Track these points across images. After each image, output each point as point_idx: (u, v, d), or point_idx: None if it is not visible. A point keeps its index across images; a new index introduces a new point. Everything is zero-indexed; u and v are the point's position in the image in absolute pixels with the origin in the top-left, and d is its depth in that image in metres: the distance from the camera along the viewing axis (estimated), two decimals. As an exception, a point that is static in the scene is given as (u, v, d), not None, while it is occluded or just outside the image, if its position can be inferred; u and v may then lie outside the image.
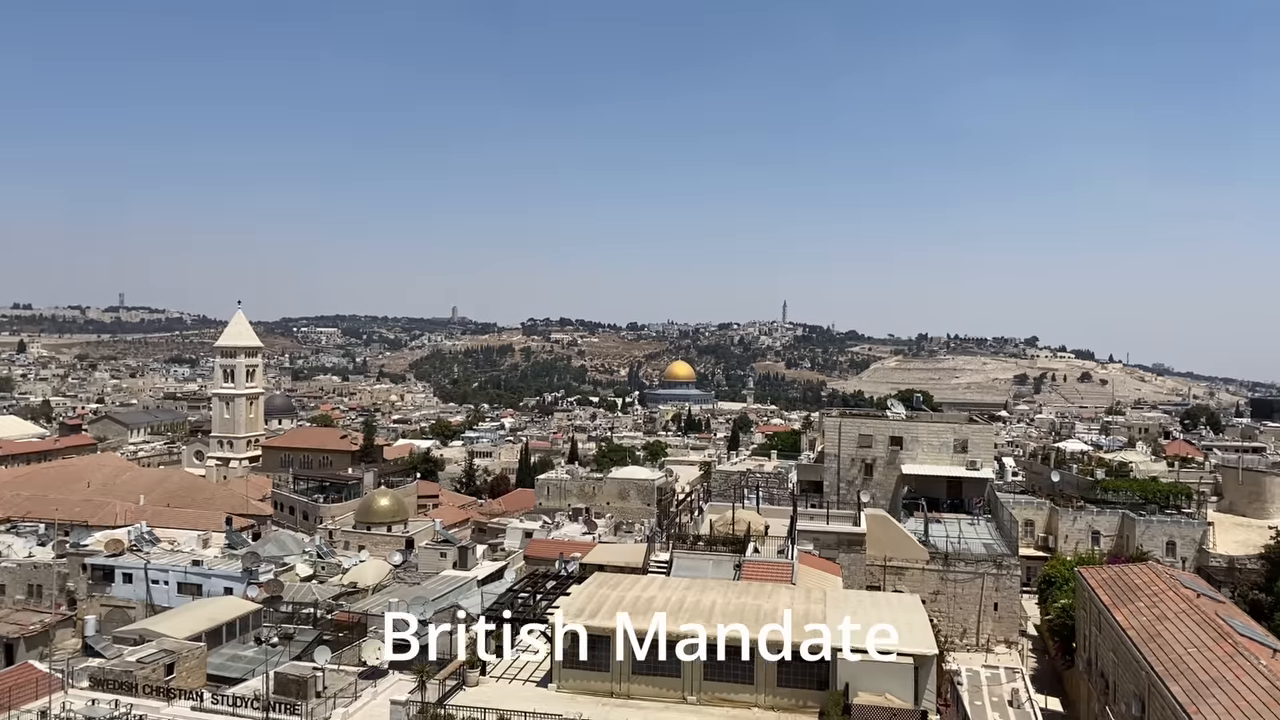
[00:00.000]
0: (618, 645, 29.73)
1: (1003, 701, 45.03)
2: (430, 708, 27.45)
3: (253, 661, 38.81)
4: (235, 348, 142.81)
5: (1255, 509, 78.94)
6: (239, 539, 66.54)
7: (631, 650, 29.61)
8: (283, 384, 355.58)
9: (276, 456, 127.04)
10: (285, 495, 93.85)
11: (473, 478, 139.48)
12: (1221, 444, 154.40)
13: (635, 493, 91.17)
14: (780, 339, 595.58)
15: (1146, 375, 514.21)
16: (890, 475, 71.78)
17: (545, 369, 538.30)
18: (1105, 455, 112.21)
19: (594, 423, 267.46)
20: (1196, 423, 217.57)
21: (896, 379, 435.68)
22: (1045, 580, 62.19)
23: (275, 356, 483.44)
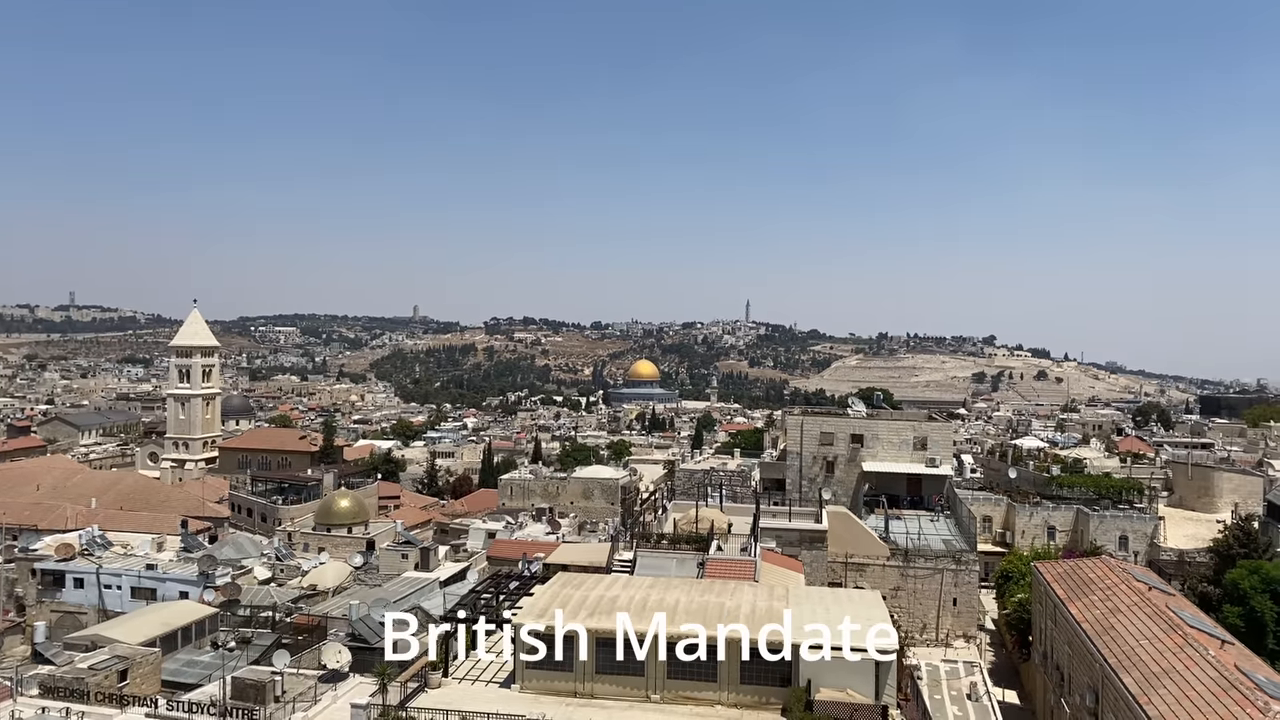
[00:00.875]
0: (581, 645, 29.68)
1: (961, 695, 45.74)
2: (391, 710, 27.18)
3: (209, 667, 38.09)
4: (191, 347, 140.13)
5: (1204, 503, 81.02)
6: (195, 542, 65.27)
7: (595, 650, 29.58)
8: (240, 384, 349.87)
9: (234, 458, 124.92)
10: (243, 497, 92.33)
11: (435, 478, 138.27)
12: (1172, 440, 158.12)
13: (599, 492, 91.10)
14: (743, 338, 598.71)
15: (1100, 373, 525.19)
16: (851, 473, 72.50)
17: (508, 368, 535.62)
18: (1060, 452, 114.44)
19: (558, 422, 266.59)
20: (1148, 420, 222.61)
21: (857, 377, 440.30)
22: (1003, 575, 63.22)
23: (232, 356, 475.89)
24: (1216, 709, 28.50)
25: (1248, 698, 28.61)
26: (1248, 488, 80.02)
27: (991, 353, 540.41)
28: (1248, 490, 79.39)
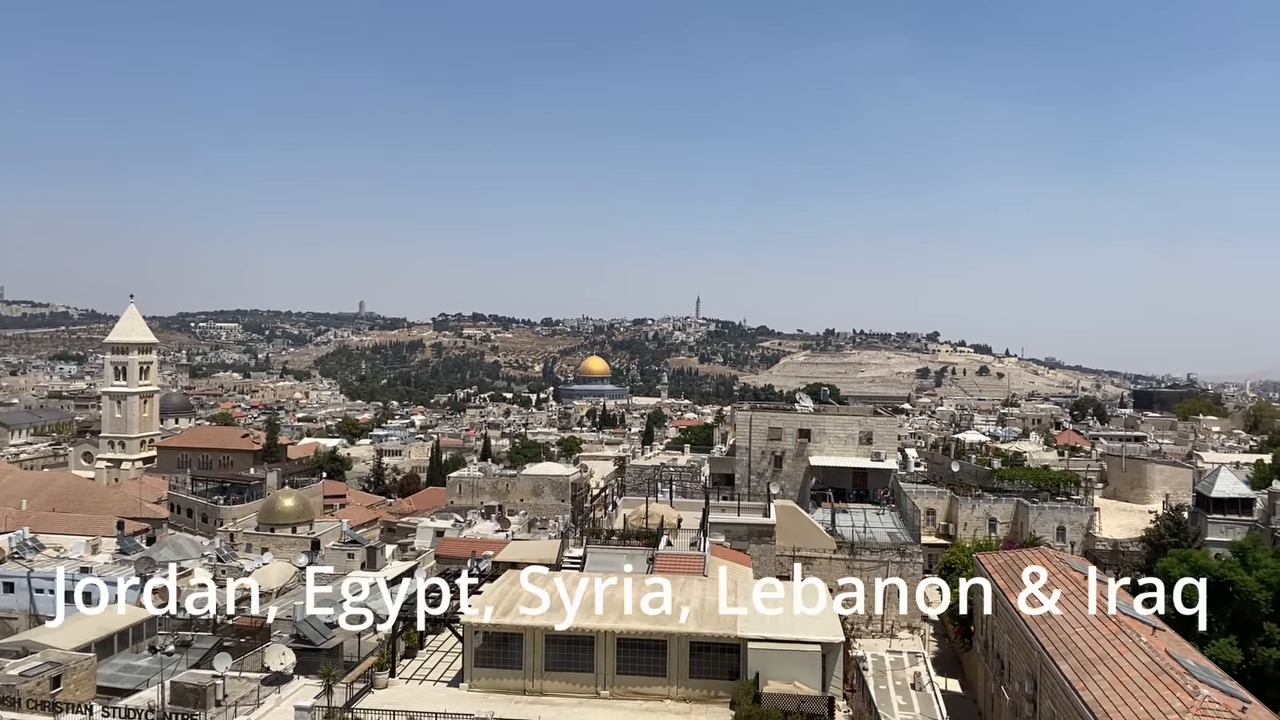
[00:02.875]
0: (529, 642, 29.58)
1: (906, 685, 46.63)
2: (337, 712, 26.77)
3: (147, 671, 37.13)
4: (127, 344, 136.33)
5: (1137, 494, 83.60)
6: (132, 544, 63.54)
7: (543, 647, 29.50)
8: (179, 381, 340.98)
9: (173, 457, 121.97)
10: (182, 497, 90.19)
11: (381, 477, 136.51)
12: (1107, 433, 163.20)
13: (549, 489, 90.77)
14: (694, 334, 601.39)
15: (1040, 369, 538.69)
16: (799, 467, 73.36)
17: (457, 365, 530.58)
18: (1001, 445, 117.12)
19: (508, 419, 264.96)
20: (1085, 413, 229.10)
21: (805, 373, 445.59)
22: (946, 566, 64.48)
23: (171, 353, 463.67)
24: (1148, 693, 29.46)
25: (1178, 682, 29.63)
26: (1178, 479, 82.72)
27: (935, 349, 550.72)
28: (1178, 481, 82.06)
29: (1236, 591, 44.44)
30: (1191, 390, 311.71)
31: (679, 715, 27.43)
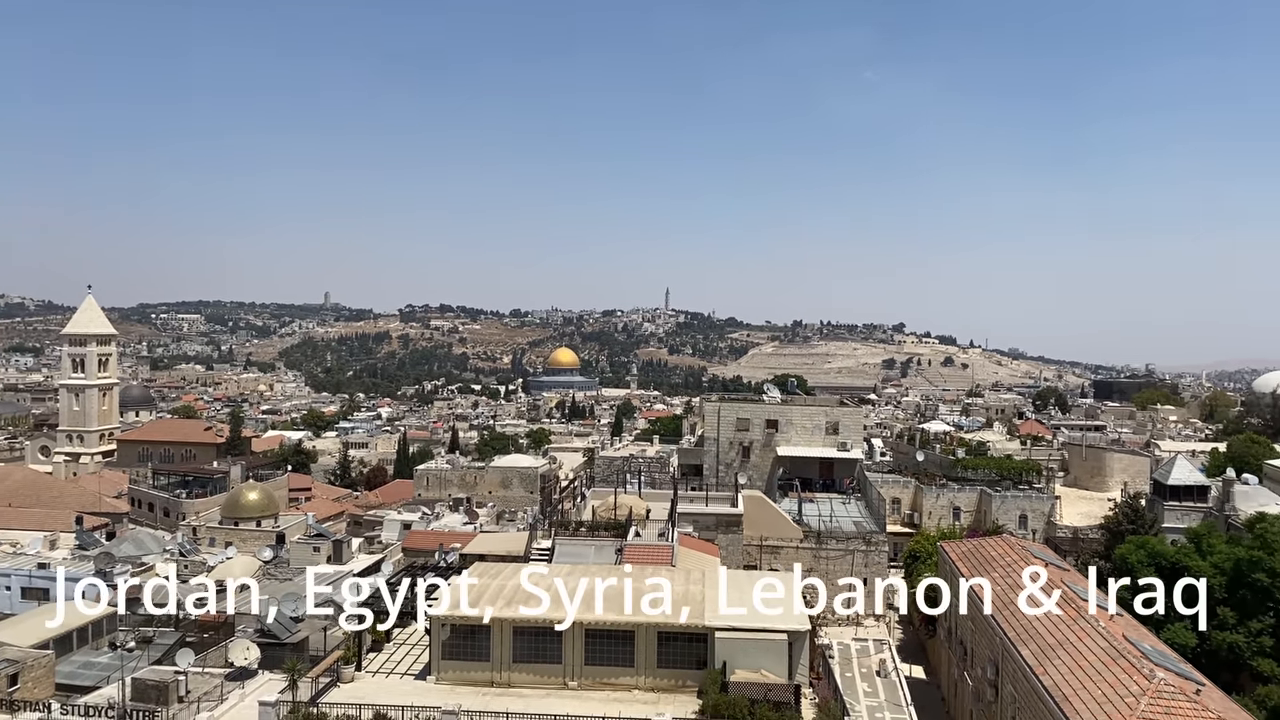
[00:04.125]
0: (497, 634, 29.53)
1: (871, 672, 47.21)
2: (302, 707, 26.56)
3: (107, 668, 36.59)
4: (85, 335, 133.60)
5: (1096, 483, 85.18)
6: (91, 539, 62.50)
7: (512, 639, 29.47)
8: (140, 374, 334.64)
9: (134, 450, 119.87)
10: (143, 491, 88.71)
11: (348, 469, 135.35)
12: (1068, 423, 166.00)
13: (518, 481, 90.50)
14: (663, 326, 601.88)
15: (1003, 359, 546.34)
16: (766, 457, 73.83)
17: (425, 357, 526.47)
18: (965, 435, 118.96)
19: (476, 411, 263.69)
20: (1046, 403, 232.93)
21: (773, 364, 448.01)
22: (911, 555, 65.30)
23: (131, 345, 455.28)
24: (1106, 677, 30.11)
25: (1135, 665, 30.31)
26: (1136, 467, 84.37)
27: (901, 340, 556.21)
28: (1136, 470, 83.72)
29: (1192, 577, 45.44)
30: (1150, 380, 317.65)
31: (647, 705, 27.56)
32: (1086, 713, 28.31)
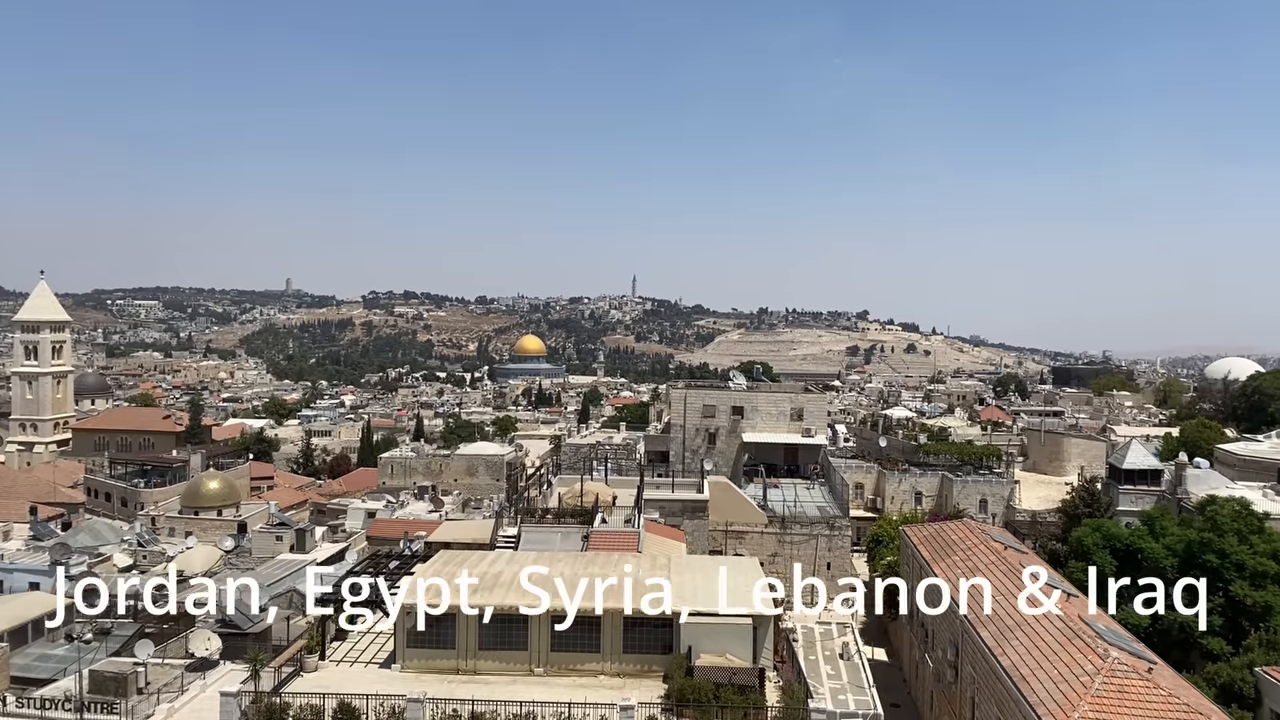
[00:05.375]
0: (462, 622, 29.45)
1: (835, 655, 47.73)
2: (264, 697, 26.32)
3: (64, 660, 35.91)
4: (38, 322, 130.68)
5: (1054, 467, 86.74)
6: (46, 529, 61.28)
7: (477, 626, 29.42)
8: (95, 361, 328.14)
9: (90, 440, 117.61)
10: (100, 481, 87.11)
11: (310, 458, 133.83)
12: (1028, 409, 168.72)
13: (484, 469, 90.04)
14: (630, 313, 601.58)
15: (965, 346, 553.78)
16: (732, 444, 74.29)
17: (389, 344, 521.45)
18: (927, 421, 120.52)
19: (441, 399, 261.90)
20: (1007, 390, 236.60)
21: (739, 351, 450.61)
22: (874, 539, 66.19)
23: (86, 331, 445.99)
24: (1062, 656, 30.80)
25: (1090, 645, 31.03)
26: (1092, 452, 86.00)
27: (865, 327, 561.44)
28: (1093, 454, 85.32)
29: (1145, 559, 46.54)
30: (1107, 367, 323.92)
31: (613, 690, 27.68)
32: (1043, 691, 28.96)
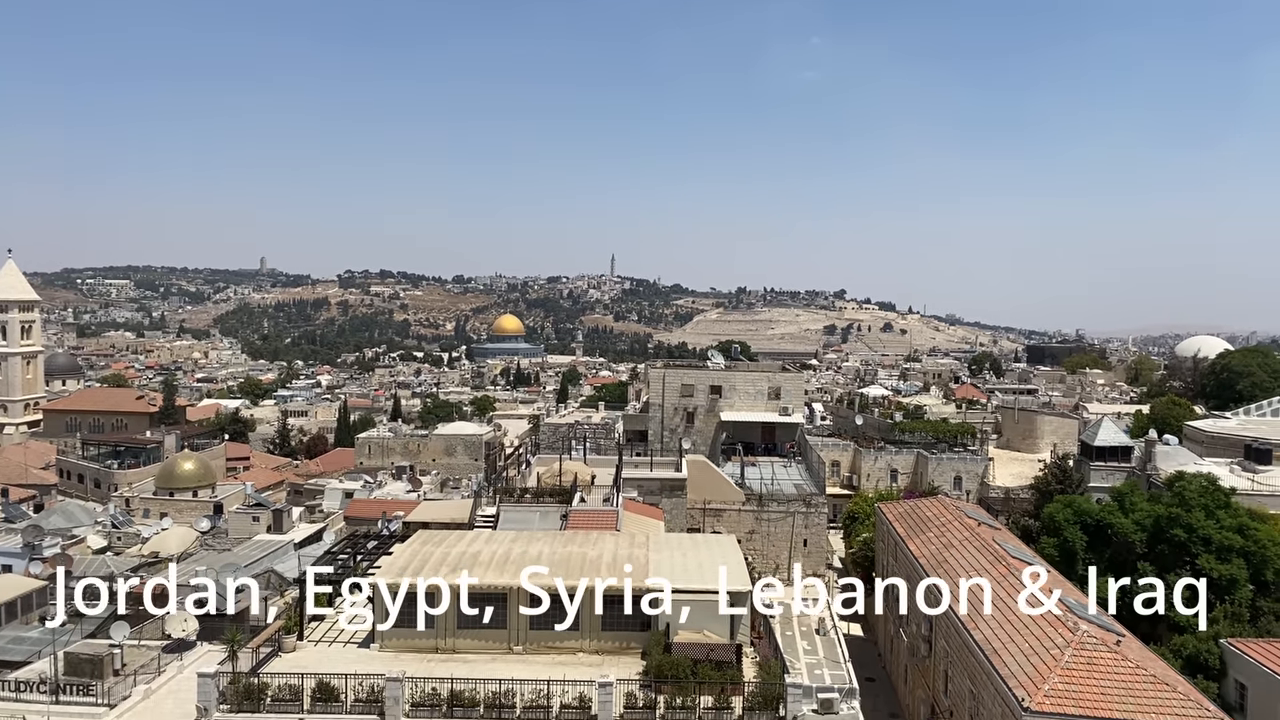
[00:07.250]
0: (441, 601, 29.51)
1: (810, 630, 48.26)
2: (242, 677, 26.28)
3: (38, 643, 35.59)
4: (6, 301, 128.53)
5: (1028, 444, 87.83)
6: (17, 511, 60.67)
7: (455, 605, 29.48)
8: (66, 341, 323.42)
9: (61, 421, 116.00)
10: (72, 462, 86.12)
11: (287, 438, 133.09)
12: (1002, 387, 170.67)
13: (462, 448, 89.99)
14: (609, 292, 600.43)
15: (941, 325, 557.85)
16: (710, 422, 74.60)
17: (365, 323, 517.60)
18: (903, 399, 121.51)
19: (418, 379, 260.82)
20: (982, 368, 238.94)
21: (717, 330, 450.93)
22: (849, 516, 66.83)
23: (56, 311, 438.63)
24: (1034, 630, 31.38)
25: (1060, 619, 31.63)
26: (1065, 429, 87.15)
27: (842, 306, 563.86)
28: (1065, 432, 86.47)
29: (1114, 534, 47.34)
30: (1080, 346, 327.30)
31: (591, 668, 27.87)
32: (1015, 664, 29.51)
